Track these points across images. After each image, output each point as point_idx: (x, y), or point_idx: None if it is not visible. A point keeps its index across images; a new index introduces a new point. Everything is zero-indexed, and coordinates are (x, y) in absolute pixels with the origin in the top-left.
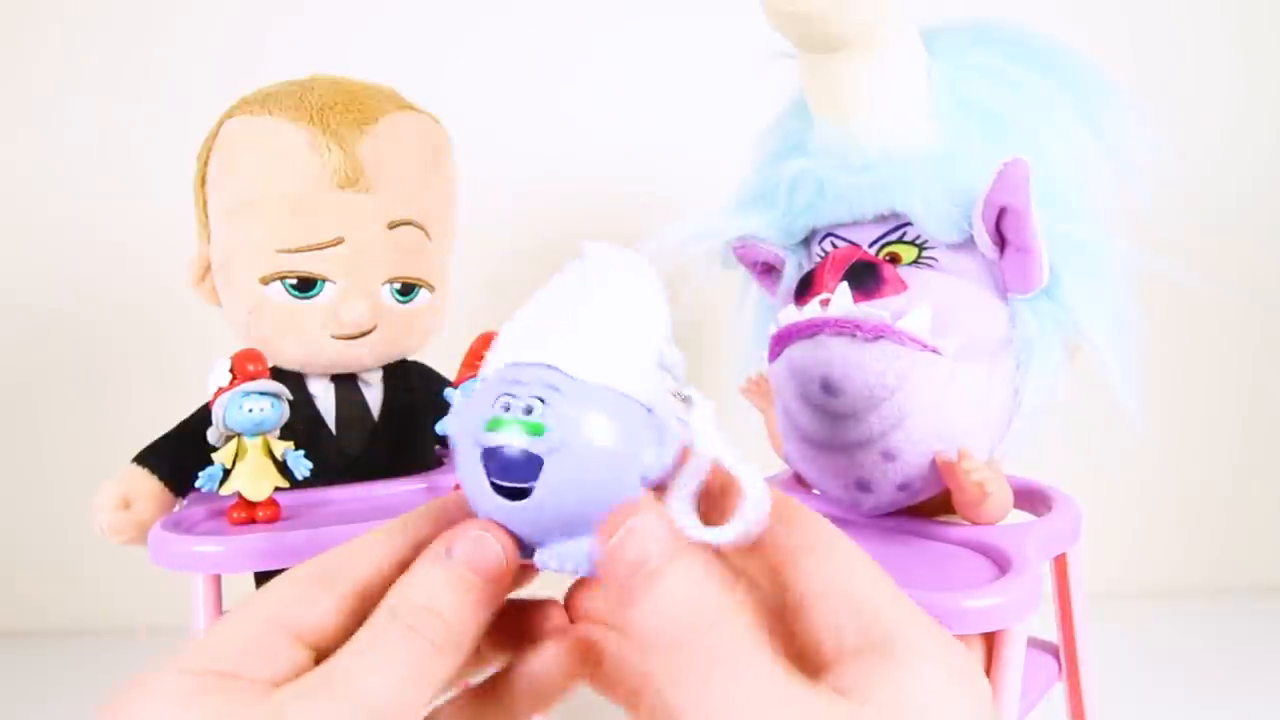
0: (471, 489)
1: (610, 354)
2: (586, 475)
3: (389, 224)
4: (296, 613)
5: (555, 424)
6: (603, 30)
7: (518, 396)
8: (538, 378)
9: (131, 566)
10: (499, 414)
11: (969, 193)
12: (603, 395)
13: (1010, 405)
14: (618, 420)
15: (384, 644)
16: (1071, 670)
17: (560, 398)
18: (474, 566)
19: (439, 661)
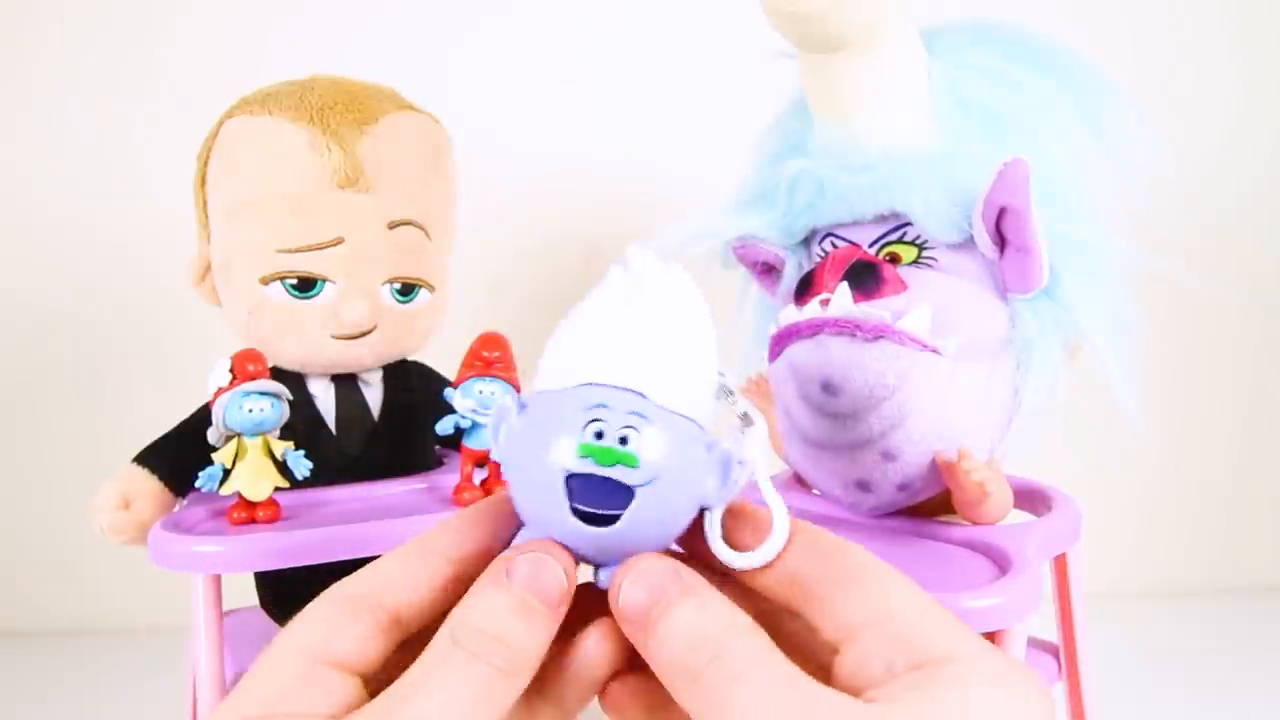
0: (538, 507)
1: (688, 382)
2: (668, 506)
3: (389, 224)
4: (334, 643)
5: (649, 456)
6: (602, 30)
7: (608, 422)
8: (625, 404)
9: (131, 566)
10: (591, 441)
11: (969, 193)
12: (685, 426)
13: (1010, 405)
14: (693, 451)
15: (446, 671)
16: (1071, 670)
17: (650, 428)
18: (536, 590)
19: (503, 687)
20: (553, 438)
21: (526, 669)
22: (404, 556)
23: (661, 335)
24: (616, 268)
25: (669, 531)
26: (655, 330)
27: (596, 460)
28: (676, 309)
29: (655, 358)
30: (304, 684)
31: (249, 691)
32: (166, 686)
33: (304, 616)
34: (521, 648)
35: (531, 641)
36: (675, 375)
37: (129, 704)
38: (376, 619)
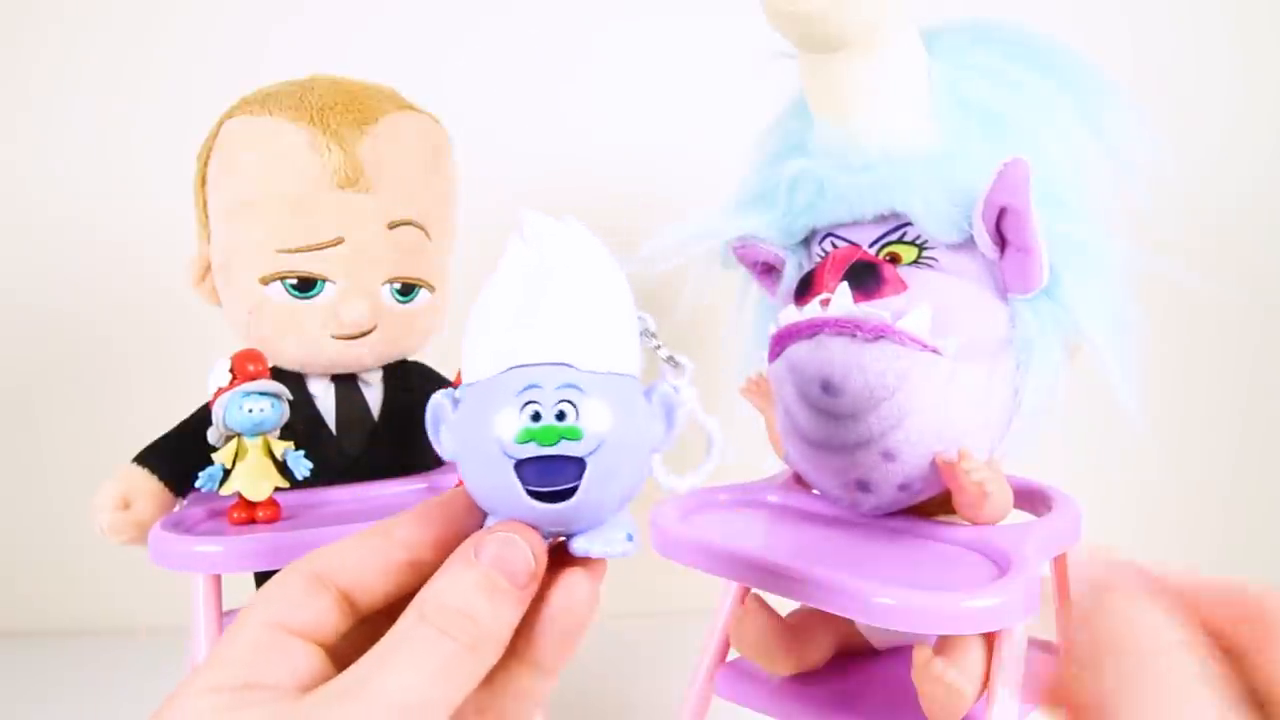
0: (494, 494)
1: (610, 339)
2: (620, 465)
3: (389, 224)
4: (297, 615)
5: (590, 425)
6: (602, 30)
7: (543, 402)
8: (555, 378)
9: (131, 566)
10: (529, 424)
11: (969, 193)
12: (618, 385)
13: (1010, 405)
14: (633, 405)
15: (414, 647)
16: None
17: (584, 397)
18: (504, 570)
19: (471, 662)
20: (492, 429)
21: (494, 646)
22: (362, 540)
23: (574, 299)
24: (513, 238)
25: (629, 488)
26: (566, 296)
27: (539, 442)
28: (582, 268)
29: (573, 324)
30: (270, 653)
31: (218, 660)
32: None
33: (265, 591)
34: (488, 625)
35: (498, 619)
36: (597, 336)
37: (129, 704)
38: (332, 596)
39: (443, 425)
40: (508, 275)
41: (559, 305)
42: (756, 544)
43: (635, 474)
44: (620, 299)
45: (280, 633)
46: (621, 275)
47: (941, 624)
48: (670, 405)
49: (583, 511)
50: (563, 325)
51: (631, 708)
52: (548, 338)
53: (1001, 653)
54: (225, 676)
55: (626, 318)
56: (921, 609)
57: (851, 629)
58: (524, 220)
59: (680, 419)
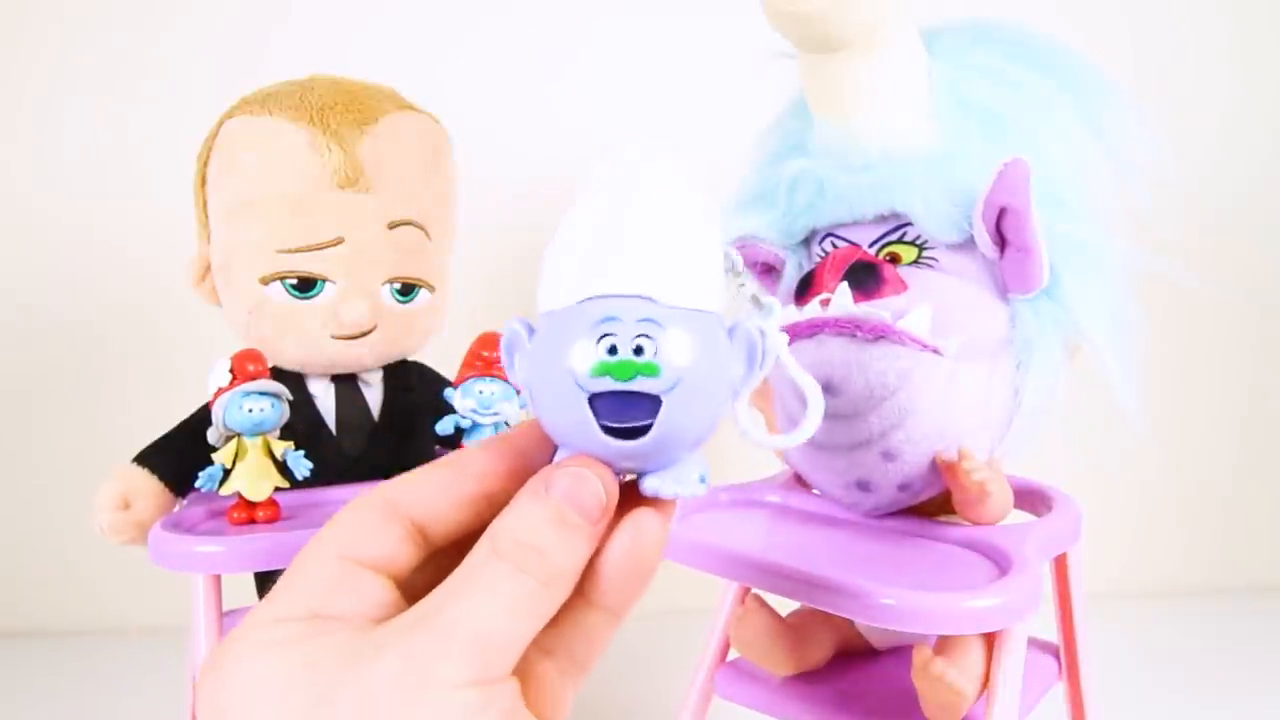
0: (567, 428)
1: (694, 274)
2: (696, 404)
3: (389, 224)
4: (367, 546)
5: (668, 361)
6: (602, 30)
7: (620, 335)
8: (634, 311)
9: (131, 566)
10: (605, 357)
11: (969, 193)
12: (699, 321)
13: (1010, 405)
14: (714, 343)
15: (486, 580)
16: (1071, 670)
17: (664, 332)
18: (575, 504)
19: (542, 598)
20: (567, 361)
21: (566, 581)
22: (433, 471)
23: (660, 231)
24: (600, 165)
25: (706, 427)
26: (652, 227)
27: (615, 377)
28: (670, 199)
29: (657, 256)
30: (340, 584)
31: (286, 592)
32: (166, 686)
33: (337, 520)
34: (560, 561)
35: (570, 555)
36: (681, 270)
37: (129, 704)
38: (405, 528)
39: (517, 353)
40: (592, 200)
41: (642, 235)
42: (757, 544)
43: (712, 414)
44: (707, 233)
45: (350, 564)
46: (711, 210)
47: (942, 624)
48: (753, 345)
49: (656, 450)
50: (645, 256)
51: (632, 708)
52: (629, 268)
53: (1002, 653)
54: (294, 607)
55: (712, 252)
56: (922, 609)
57: (851, 629)
58: (616, 148)
59: (764, 361)
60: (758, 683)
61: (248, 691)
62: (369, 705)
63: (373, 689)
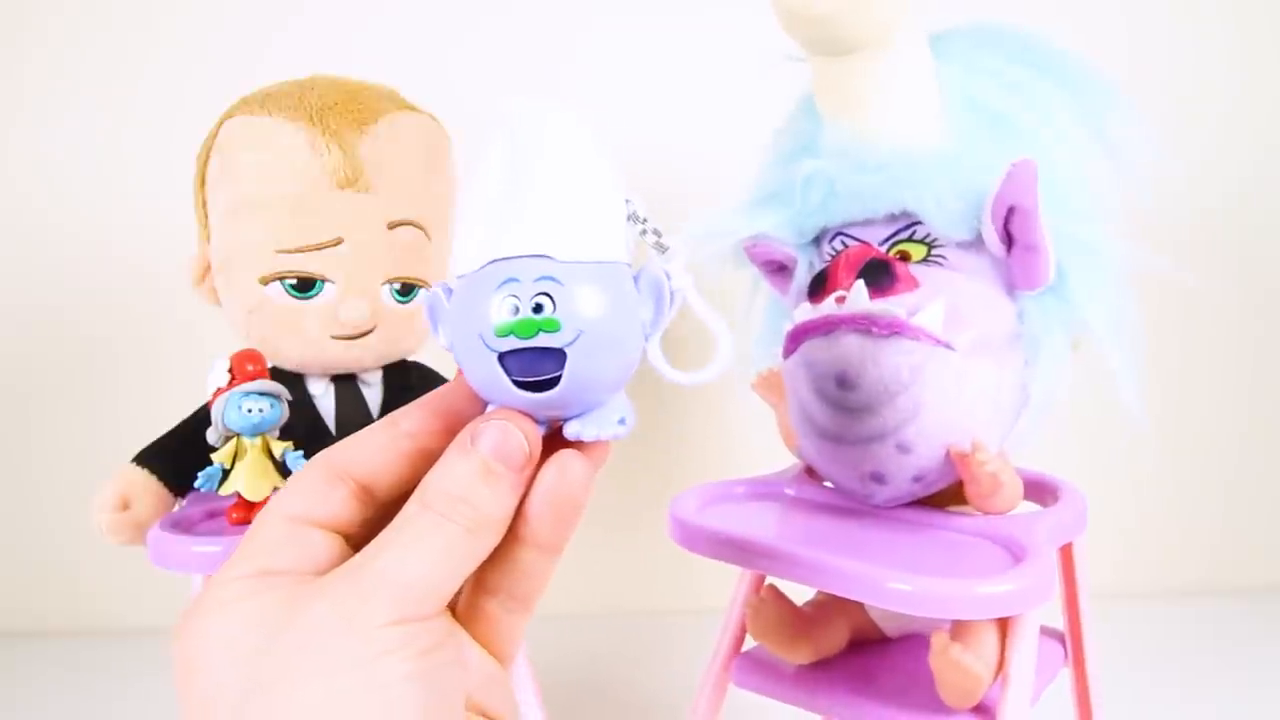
0: (485, 385)
1: (591, 226)
2: (604, 353)
3: (389, 224)
4: (315, 507)
5: (567, 316)
6: (604, 30)
7: (520, 296)
8: (532, 270)
9: (131, 567)
10: (507, 318)
11: (978, 192)
12: (599, 272)
13: (1019, 399)
14: (618, 292)
15: (415, 531)
16: (1078, 657)
17: (562, 288)
18: (499, 454)
19: (470, 544)
20: (476, 323)
21: (493, 528)
22: (372, 433)
23: (553, 188)
24: (495, 126)
25: (618, 374)
26: (545, 185)
27: (519, 335)
28: (564, 156)
29: (552, 214)
30: (290, 543)
31: (241, 553)
32: (166, 686)
33: (288, 485)
34: (487, 509)
35: (497, 503)
36: (578, 224)
37: (128, 704)
38: (349, 487)
39: (440, 317)
40: (489, 165)
41: (538, 195)
42: (775, 533)
43: (624, 360)
44: (604, 184)
45: (300, 525)
46: (607, 159)
47: (960, 609)
48: (659, 288)
49: (570, 398)
50: (541, 216)
51: (648, 701)
52: (526, 229)
53: (1015, 638)
54: (247, 566)
55: (611, 203)
56: (941, 594)
57: (864, 617)
58: (507, 107)
59: (672, 301)
60: (774, 671)
61: (207, 643)
62: (303, 645)
63: (306, 631)
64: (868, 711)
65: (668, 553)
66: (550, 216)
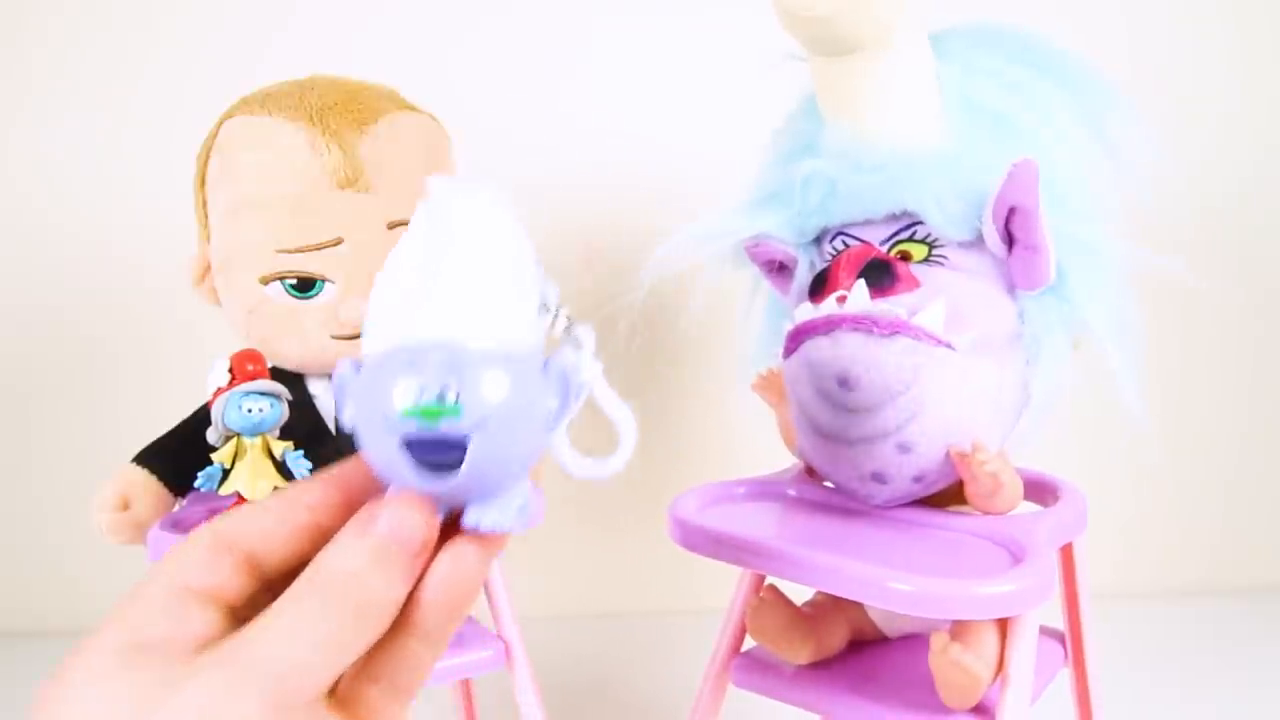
0: (386, 467)
1: (500, 312)
2: (507, 441)
3: (389, 224)
4: (199, 577)
5: (470, 403)
6: (603, 30)
7: (425, 380)
8: (438, 356)
9: (131, 567)
10: (411, 402)
11: (979, 192)
12: (505, 360)
13: (1020, 399)
14: (523, 381)
15: (299, 612)
16: (1078, 656)
17: (466, 375)
18: (395, 537)
19: (356, 631)
20: (378, 406)
21: (383, 614)
22: (266, 504)
23: (465, 273)
24: (420, 206)
25: (520, 461)
26: (457, 270)
27: (421, 420)
28: (477, 239)
29: (462, 299)
30: (168, 613)
31: (118, 620)
32: None
33: (173, 551)
34: (378, 593)
35: (388, 587)
36: (488, 310)
37: None
38: (235, 558)
39: (346, 394)
40: (406, 246)
41: (447, 279)
42: (775, 533)
43: (526, 449)
44: (518, 270)
45: (182, 593)
46: (524, 244)
47: (961, 609)
48: (566, 379)
49: (470, 486)
50: (451, 301)
51: (647, 702)
52: (434, 313)
53: (1015, 638)
54: (123, 635)
55: (522, 290)
56: (941, 594)
57: (864, 618)
58: (428, 186)
59: (578, 393)
60: (773, 671)
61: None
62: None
63: (174, 717)
64: (867, 711)
65: (668, 553)
66: (458, 301)
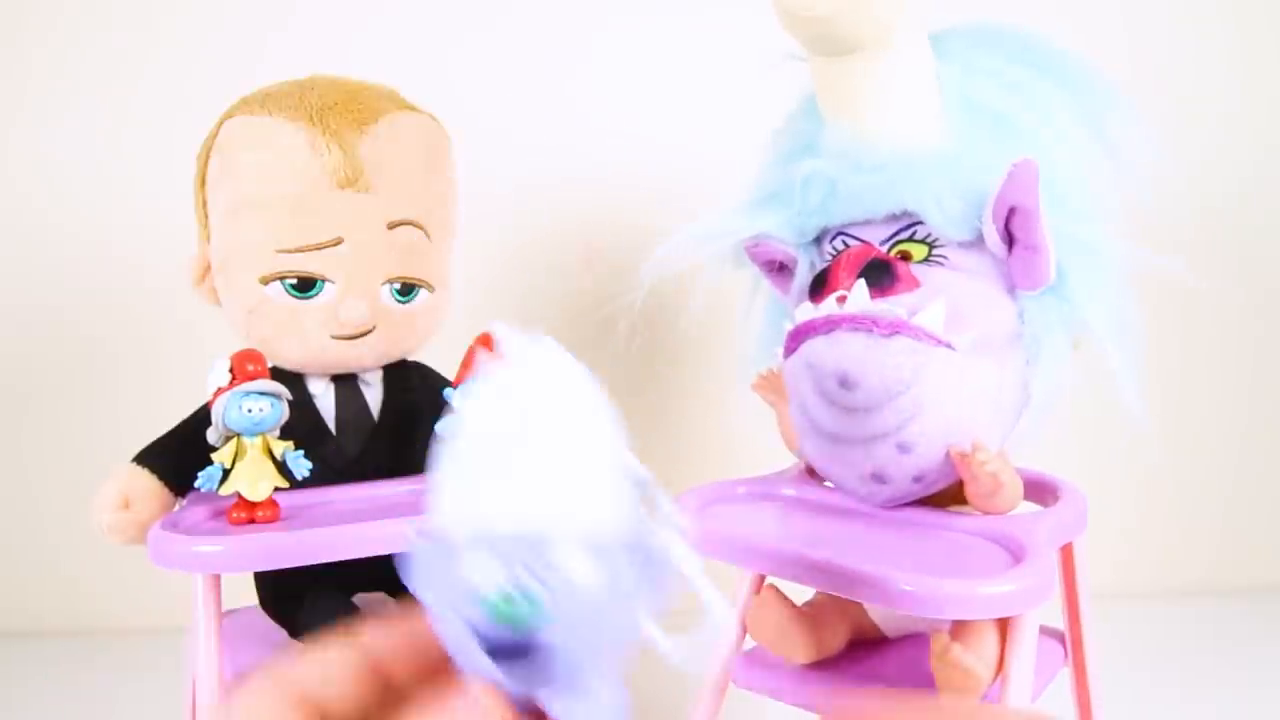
0: (463, 655)
1: (587, 498)
2: (594, 635)
3: (389, 224)
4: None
5: (553, 599)
6: (603, 30)
7: (505, 574)
8: (520, 544)
9: (130, 567)
10: (490, 599)
11: (979, 192)
12: (593, 546)
13: (1020, 399)
14: (612, 571)
15: None
16: (1077, 656)
17: (551, 566)
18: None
19: None
20: (456, 594)
21: None
22: (335, 654)
23: (546, 456)
24: (491, 363)
25: (613, 654)
26: (538, 452)
27: (499, 617)
28: (557, 416)
29: (544, 484)
30: None
31: None
32: (166, 686)
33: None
34: None
35: None
36: (572, 495)
37: (129, 704)
38: (305, 713)
39: (418, 568)
40: (482, 419)
41: (531, 456)
42: (777, 534)
43: (615, 640)
44: (601, 447)
45: None
46: (606, 415)
47: (961, 609)
48: (657, 562)
49: (554, 681)
50: (533, 481)
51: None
52: (516, 496)
53: (1015, 638)
54: None
55: (608, 468)
56: (942, 594)
57: (864, 618)
58: (496, 338)
59: (664, 573)
60: (774, 671)
61: None
62: None
63: None
64: None
65: None
66: (541, 481)
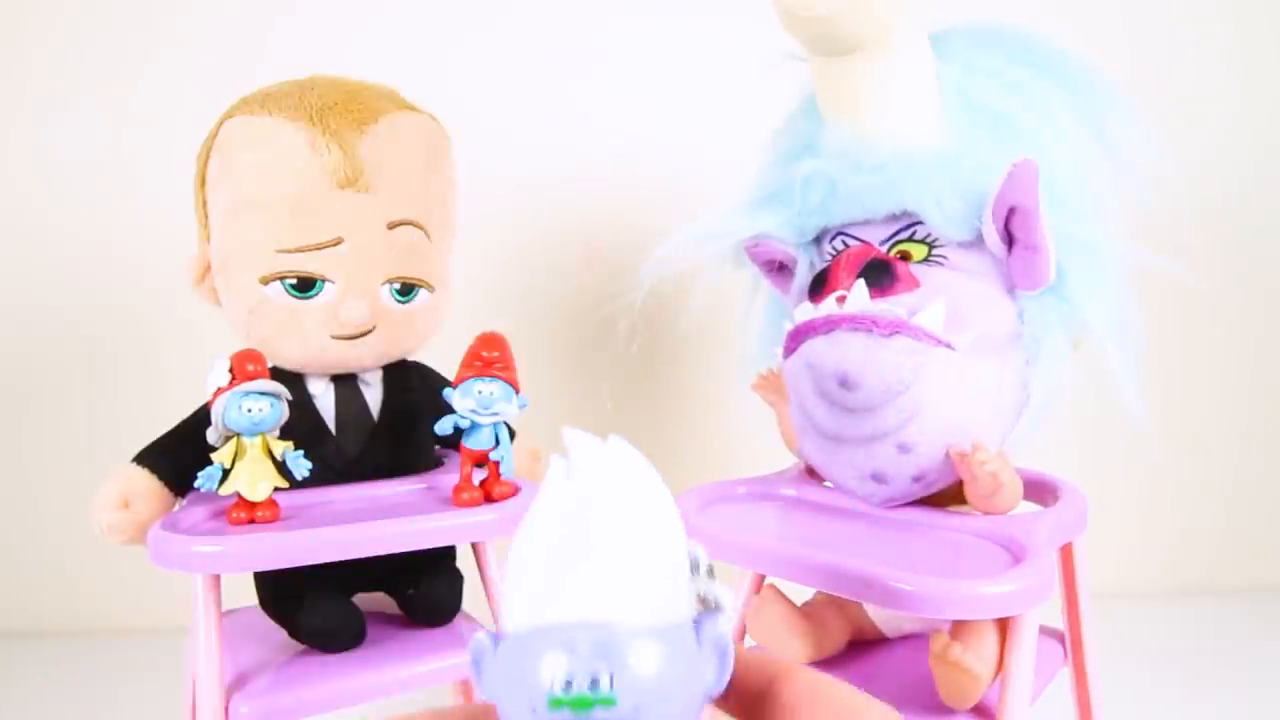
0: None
1: (652, 585)
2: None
3: (389, 224)
4: None
5: (626, 689)
6: (603, 31)
7: (576, 667)
8: (590, 640)
9: (130, 567)
10: (560, 691)
11: (979, 192)
12: (661, 638)
13: (1020, 399)
14: (679, 658)
15: None
16: (1077, 655)
17: (621, 659)
18: None
19: None
20: (524, 690)
21: None
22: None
23: (614, 548)
24: (555, 466)
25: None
26: (606, 545)
27: (572, 711)
28: (625, 511)
29: (612, 576)
30: None
31: None
32: (166, 686)
33: None
34: None
35: None
36: (639, 586)
37: (129, 704)
38: None
39: (484, 665)
40: (547, 514)
41: (598, 555)
42: (775, 533)
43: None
44: (668, 540)
45: None
46: (671, 508)
47: (961, 609)
48: (723, 649)
49: None
50: (601, 579)
51: None
52: (582, 590)
53: (1015, 638)
54: None
55: (674, 560)
56: (942, 595)
57: (864, 618)
58: (568, 447)
59: (728, 656)
60: None
61: None
62: None
63: None
64: None
65: None
66: (610, 579)
